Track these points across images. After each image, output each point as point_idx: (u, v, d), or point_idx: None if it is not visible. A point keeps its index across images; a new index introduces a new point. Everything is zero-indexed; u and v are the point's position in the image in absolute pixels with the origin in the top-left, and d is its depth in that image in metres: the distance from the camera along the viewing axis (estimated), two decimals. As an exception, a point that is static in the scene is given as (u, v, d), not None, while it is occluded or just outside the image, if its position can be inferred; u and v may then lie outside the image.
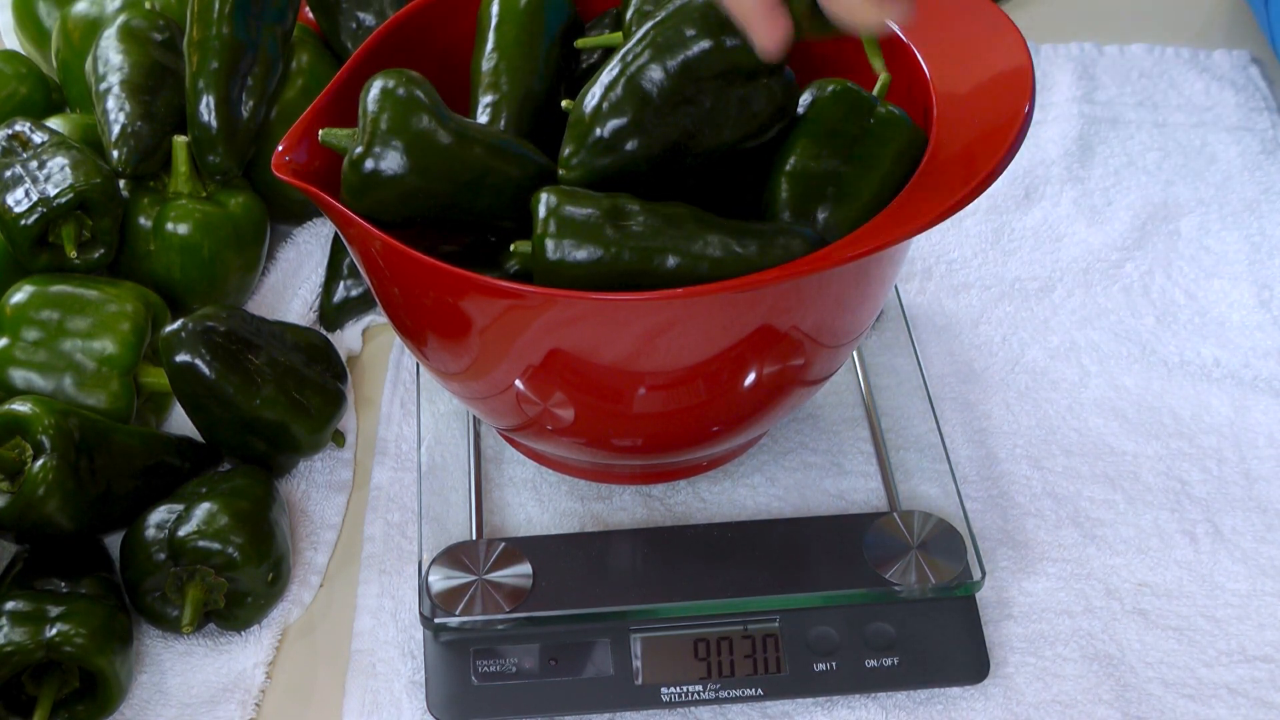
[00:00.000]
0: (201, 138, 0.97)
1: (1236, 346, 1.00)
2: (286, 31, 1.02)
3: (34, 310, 0.91)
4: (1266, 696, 0.82)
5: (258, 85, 0.99)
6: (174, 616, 0.84)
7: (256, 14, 0.99)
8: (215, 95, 0.97)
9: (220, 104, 0.97)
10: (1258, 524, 0.90)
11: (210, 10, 0.97)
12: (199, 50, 0.97)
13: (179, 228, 0.97)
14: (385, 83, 0.76)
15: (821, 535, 0.85)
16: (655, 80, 0.76)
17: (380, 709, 0.82)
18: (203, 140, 0.97)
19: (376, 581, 0.88)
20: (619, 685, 0.81)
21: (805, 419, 0.94)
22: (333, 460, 0.94)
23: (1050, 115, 1.17)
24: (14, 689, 0.80)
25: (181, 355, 0.87)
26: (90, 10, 1.08)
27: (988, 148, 0.74)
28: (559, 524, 0.90)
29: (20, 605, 0.80)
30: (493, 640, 0.82)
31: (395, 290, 0.78)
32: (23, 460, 0.83)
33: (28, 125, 0.97)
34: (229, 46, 0.97)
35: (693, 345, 0.75)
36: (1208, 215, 1.09)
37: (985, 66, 0.79)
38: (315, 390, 0.91)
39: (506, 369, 0.78)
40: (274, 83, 1.01)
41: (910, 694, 0.82)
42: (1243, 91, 1.18)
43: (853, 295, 0.79)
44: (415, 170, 0.75)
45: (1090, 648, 0.84)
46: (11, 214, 0.92)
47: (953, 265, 1.06)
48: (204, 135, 0.97)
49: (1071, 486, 0.92)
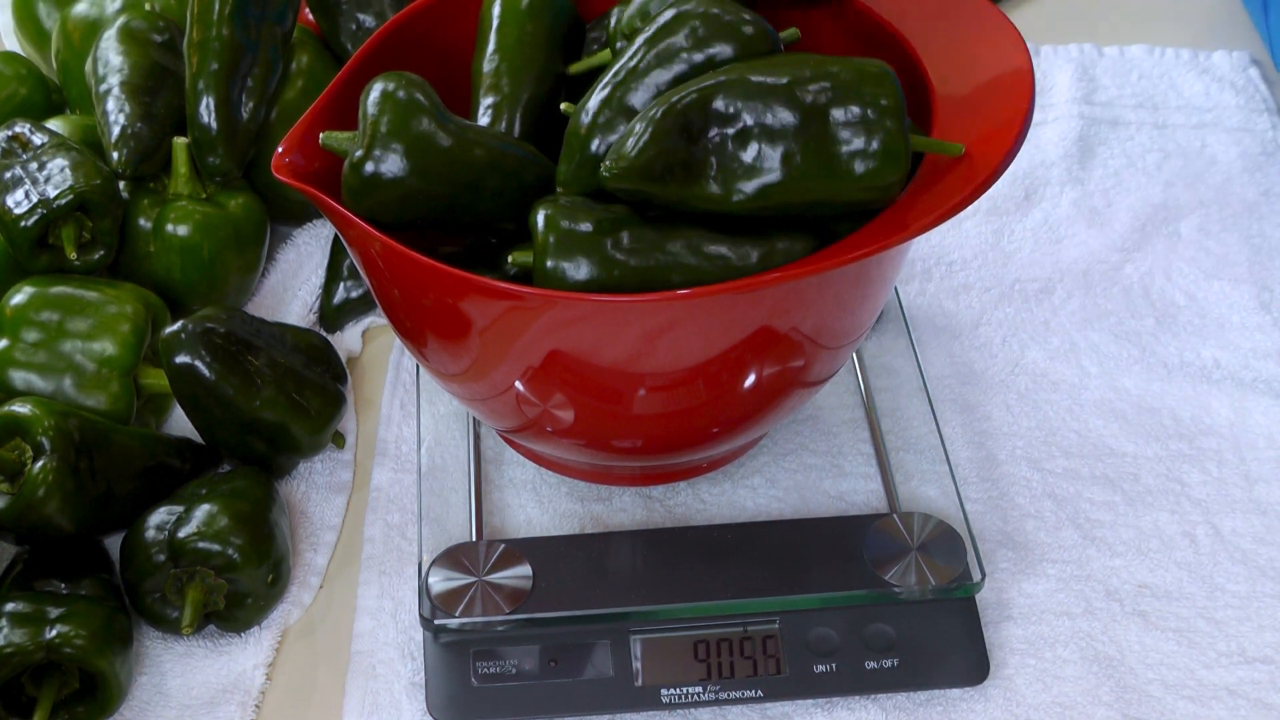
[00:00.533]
0: (201, 139, 0.97)
1: (1236, 348, 1.00)
2: (286, 33, 1.02)
3: (34, 311, 0.91)
4: (1266, 698, 0.82)
5: (258, 86, 0.99)
6: (174, 618, 0.84)
7: (256, 15, 0.99)
8: (215, 96, 0.97)
9: (220, 105, 0.97)
10: (1257, 525, 0.90)
11: (210, 12, 0.97)
12: (199, 51, 0.97)
13: (179, 229, 0.97)
14: (385, 85, 0.76)
15: (821, 537, 0.85)
16: (646, 98, 0.76)
17: (380, 710, 0.82)
18: (203, 141, 0.97)
19: (376, 583, 0.88)
20: (619, 686, 0.82)
21: (805, 420, 0.94)
22: (332, 461, 0.94)
23: (1050, 116, 1.17)
24: (14, 690, 0.80)
25: (181, 356, 0.87)
26: (90, 11, 1.08)
27: (988, 149, 0.74)
28: (559, 525, 0.90)
29: (20, 606, 0.80)
30: (493, 641, 0.82)
31: (395, 292, 0.78)
32: (23, 461, 0.83)
33: (28, 126, 0.97)
34: (229, 48, 0.97)
35: (693, 347, 0.75)
36: (1208, 217, 1.09)
37: (985, 67, 0.79)
38: (315, 391, 0.91)
39: (506, 370, 0.78)
40: (274, 84, 1.01)
41: (910, 695, 0.82)
42: (1243, 93, 1.18)
43: (853, 297, 0.79)
44: (415, 173, 0.75)
45: (1090, 649, 0.84)
46: (11, 215, 0.92)
47: (953, 267, 1.06)
48: (204, 137, 0.97)
49: (1071, 488, 0.92)
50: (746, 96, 0.73)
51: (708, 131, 0.74)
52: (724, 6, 0.77)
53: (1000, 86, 0.78)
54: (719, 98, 0.73)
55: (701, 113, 0.73)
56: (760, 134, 0.73)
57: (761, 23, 0.77)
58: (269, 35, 1.00)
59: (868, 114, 0.74)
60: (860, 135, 0.74)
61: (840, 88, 0.74)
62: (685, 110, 0.73)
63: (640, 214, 0.74)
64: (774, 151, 0.74)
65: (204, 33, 0.97)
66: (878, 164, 0.73)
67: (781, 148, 0.73)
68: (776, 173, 0.73)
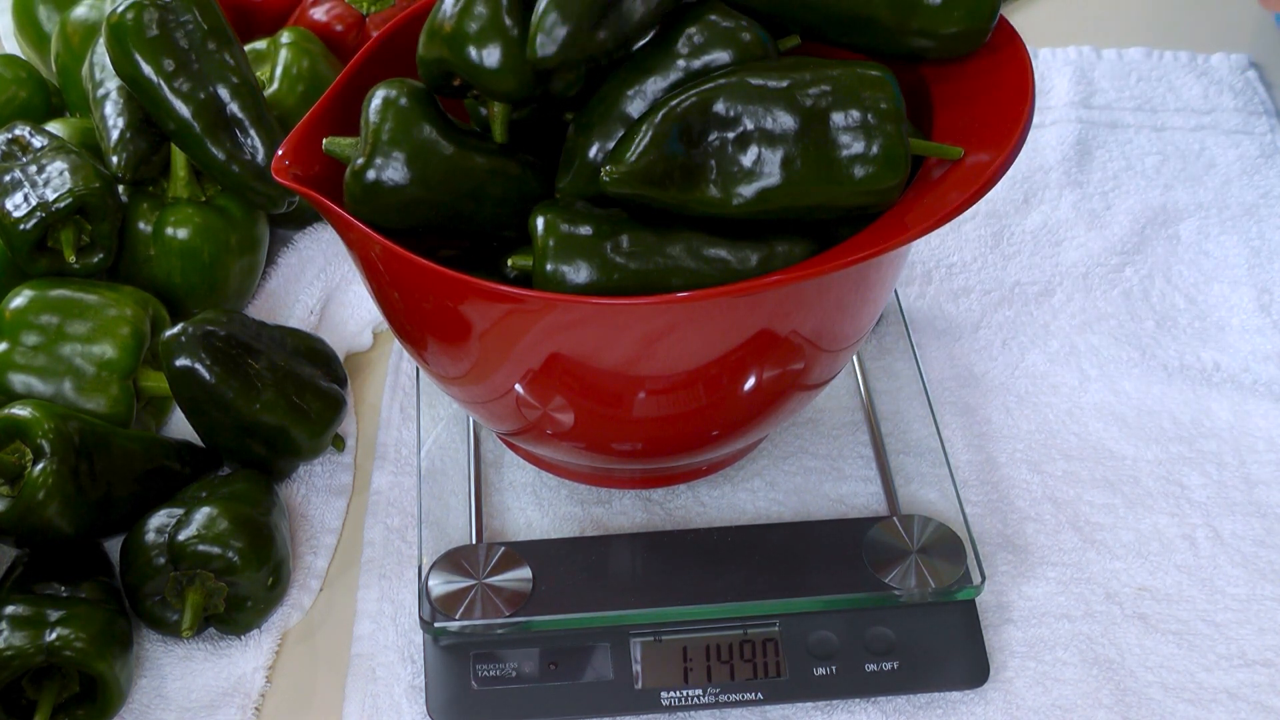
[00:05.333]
0: (241, 182, 0.96)
1: (1236, 350, 1.00)
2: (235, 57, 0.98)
3: (33, 315, 0.91)
4: (1266, 701, 0.82)
5: (250, 113, 0.97)
6: (174, 621, 0.84)
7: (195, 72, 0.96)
8: (223, 151, 0.95)
9: (234, 151, 0.95)
10: (1257, 528, 0.90)
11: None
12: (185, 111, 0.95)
13: (179, 232, 0.97)
14: (388, 92, 0.76)
15: (821, 539, 0.85)
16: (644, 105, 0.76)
17: (380, 713, 0.82)
18: (243, 184, 0.96)
19: (376, 585, 0.88)
20: (619, 689, 0.82)
21: (805, 423, 0.95)
22: (332, 465, 0.94)
23: (1049, 119, 1.17)
24: (14, 693, 0.80)
25: (182, 359, 0.87)
26: (90, 15, 1.08)
27: (987, 152, 0.74)
28: (559, 528, 0.90)
29: (20, 609, 0.80)
30: (492, 644, 0.82)
31: (395, 295, 0.78)
32: (23, 464, 0.83)
33: (27, 129, 0.97)
34: (203, 107, 0.95)
35: (693, 350, 0.75)
36: (1207, 219, 1.09)
37: (984, 70, 0.79)
38: (315, 394, 0.91)
39: (506, 374, 0.78)
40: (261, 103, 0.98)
41: (910, 698, 0.82)
42: (1241, 95, 1.18)
43: (852, 300, 0.79)
44: (417, 180, 0.75)
45: (1090, 652, 0.84)
46: (10, 218, 0.92)
47: (952, 269, 1.06)
48: (242, 179, 0.96)
49: (1071, 491, 0.92)
50: (746, 100, 0.73)
51: (707, 135, 0.74)
52: (722, 13, 0.77)
53: (999, 89, 0.78)
54: (719, 102, 0.73)
55: (701, 117, 0.73)
56: (760, 138, 0.73)
57: (758, 29, 0.77)
58: (220, 73, 0.97)
59: (867, 118, 0.74)
60: (860, 139, 0.74)
61: (840, 92, 0.74)
62: (685, 114, 0.73)
63: (640, 218, 0.74)
64: (774, 155, 0.74)
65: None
66: (877, 168, 0.74)
67: (781, 152, 0.73)
68: (776, 177, 0.73)
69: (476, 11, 0.74)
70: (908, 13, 0.78)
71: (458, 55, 0.74)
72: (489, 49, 0.74)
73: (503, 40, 0.74)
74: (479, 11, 0.74)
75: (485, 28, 0.74)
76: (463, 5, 0.74)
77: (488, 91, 0.75)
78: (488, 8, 0.74)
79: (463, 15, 0.74)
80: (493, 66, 0.74)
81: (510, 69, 0.74)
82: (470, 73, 0.75)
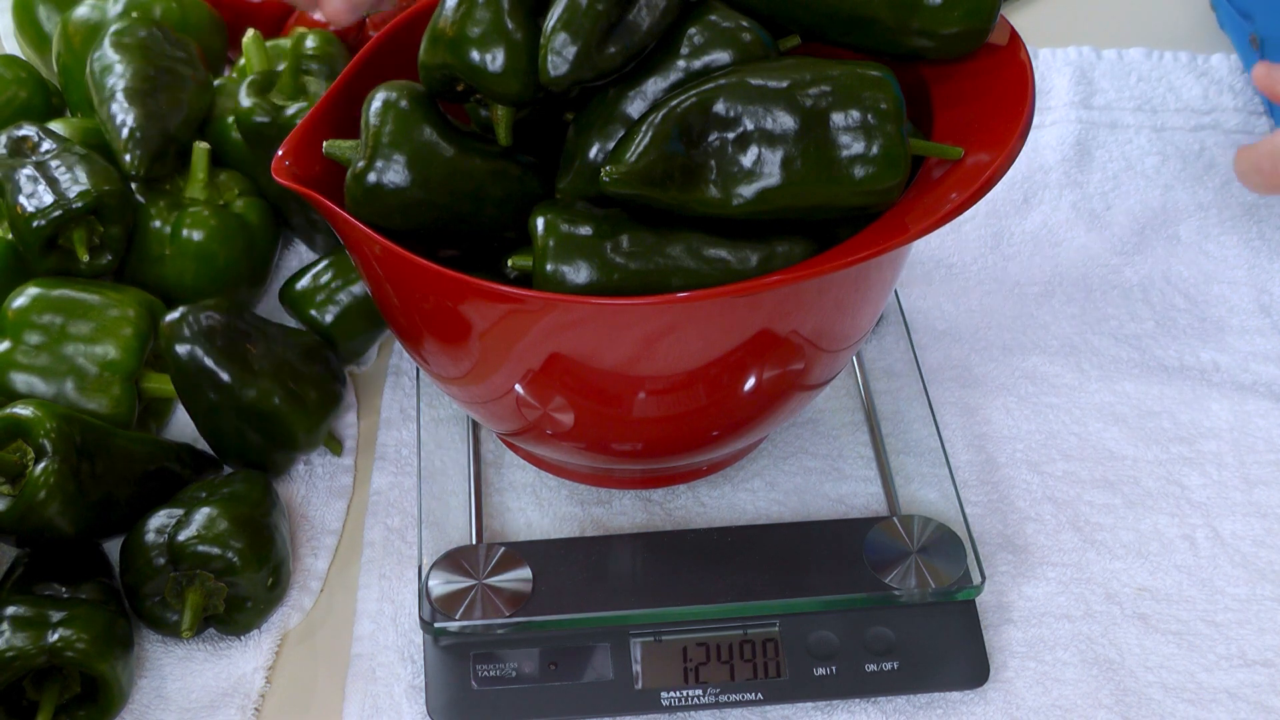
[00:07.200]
0: None
1: (1236, 351, 1.00)
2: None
3: (36, 314, 0.91)
4: (1266, 701, 0.82)
5: None
6: (174, 621, 0.84)
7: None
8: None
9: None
10: (1257, 528, 0.90)
11: None
12: None
13: (195, 234, 0.97)
14: (388, 95, 0.76)
15: (821, 539, 0.85)
16: (644, 105, 0.76)
17: (380, 713, 0.82)
18: None
19: (376, 586, 0.88)
20: (619, 689, 0.82)
21: (805, 423, 0.95)
22: (332, 465, 0.95)
23: (1049, 119, 1.17)
24: (15, 694, 0.80)
25: (181, 341, 0.87)
26: (91, 15, 1.08)
27: (987, 152, 0.74)
28: (559, 528, 0.90)
29: (21, 610, 0.80)
30: (492, 644, 0.82)
31: (395, 295, 0.78)
32: (24, 464, 0.83)
33: (35, 130, 0.97)
34: None
35: (693, 350, 0.75)
36: (1206, 220, 1.09)
37: (984, 70, 0.79)
38: (312, 384, 0.91)
39: (506, 374, 0.78)
40: None
41: (910, 698, 0.82)
42: (1241, 95, 1.18)
43: (852, 300, 0.79)
44: (418, 182, 0.75)
45: (1090, 652, 0.84)
46: (25, 214, 0.91)
47: (952, 269, 1.06)
48: None
49: (1071, 491, 0.92)
50: (746, 100, 0.74)
51: (707, 136, 0.74)
52: (722, 13, 0.77)
53: (999, 89, 0.78)
54: (719, 102, 0.73)
55: (701, 117, 0.73)
56: (760, 138, 0.73)
57: (758, 29, 0.77)
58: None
59: (867, 118, 0.74)
60: (860, 139, 0.74)
61: (840, 92, 0.74)
62: (685, 114, 0.73)
63: (640, 218, 0.74)
64: (774, 156, 0.74)
65: None
66: (877, 168, 0.74)
67: (781, 152, 0.74)
68: (776, 177, 0.73)
69: (478, 16, 0.74)
70: (908, 13, 0.78)
71: (461, 60, 0.75)
72: (492, 53, 0.74)
73: (506, 44, 0.74)
74: (481, 16, 0.74)
75: (488, 32, 0.74)
76: (464, 10, 0.74)
77: (492, 95, 0.75)
78: (489, 11, 0.74)
79: (465, 20, 0.74)
80: (496, 70, 0.74)
81: (514, 72, 0.74)
82: (474, 77, 0.75)
